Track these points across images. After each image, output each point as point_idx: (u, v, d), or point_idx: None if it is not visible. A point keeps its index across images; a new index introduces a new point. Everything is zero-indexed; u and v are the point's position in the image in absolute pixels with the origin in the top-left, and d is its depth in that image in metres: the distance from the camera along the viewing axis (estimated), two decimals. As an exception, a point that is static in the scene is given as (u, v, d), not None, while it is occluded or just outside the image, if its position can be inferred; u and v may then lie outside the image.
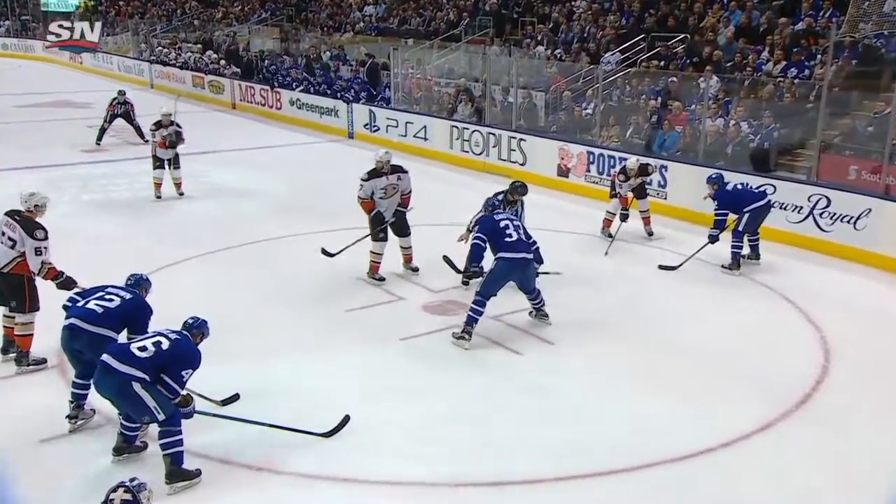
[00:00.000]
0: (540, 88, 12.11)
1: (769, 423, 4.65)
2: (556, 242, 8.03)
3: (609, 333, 5.90)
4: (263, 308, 6.24)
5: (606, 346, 5.70)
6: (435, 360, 5.44)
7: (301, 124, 15.37)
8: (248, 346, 5.47)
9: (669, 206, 9.10)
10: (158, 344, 4.00)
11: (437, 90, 13.63)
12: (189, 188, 10.37)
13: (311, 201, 9.76)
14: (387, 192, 6.52)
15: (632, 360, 5.47)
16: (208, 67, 19.04)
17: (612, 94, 11.18)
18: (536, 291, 5.90)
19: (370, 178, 6.52)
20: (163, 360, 3.98)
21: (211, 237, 8.02)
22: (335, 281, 6.84)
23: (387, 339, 5.71)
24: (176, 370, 3.99)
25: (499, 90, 12.42)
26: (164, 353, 3.99)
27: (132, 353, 3.97)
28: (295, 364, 5.31)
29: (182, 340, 4.09)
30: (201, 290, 6.42)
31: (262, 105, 16.72)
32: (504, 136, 11.35)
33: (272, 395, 4.86)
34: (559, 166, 10.60)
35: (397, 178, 6.54)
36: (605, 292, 6.74)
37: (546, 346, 5.68)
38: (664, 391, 5.04)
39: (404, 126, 13.05)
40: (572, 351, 5.59)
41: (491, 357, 5.49)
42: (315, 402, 4.79)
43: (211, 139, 13.88)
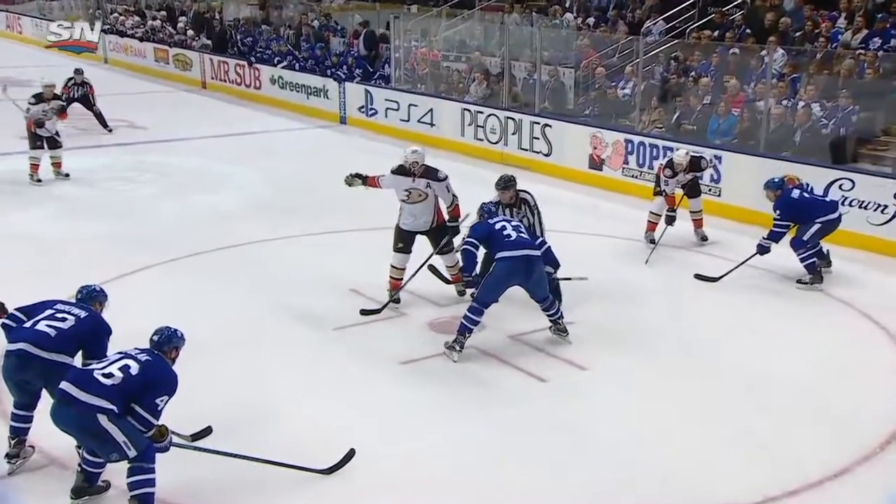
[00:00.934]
0: (568, 64, 12.15)
1: (845, 468, 4.62)
2: (587, 248, 8.07)
3: (650, 357, 5.91)
4: (240, 325, 6.29)
5: (646, 371, 5.70)
6: (443, 388, 5.47)
7: (284, 107, 15.49)
8: (223, 369, 5.51)
9: (724, 204, 9.11)
10: (126, 369, 4.01)
11: (446, 67, 13.70)
12: (151, 182, 10.47)
13: (296, 198, 9.83)
14: (410, 197, 6.51)
15: (677, 388, 5.47)
16: (173, 39, 19.21)
17: (656, 70, 11.20)
18: (550, 299, 5.94)
19: (396, 173, 6.50)
20: (133, 388, 3.99)
21: (177, 240, 8.08)
22: (326, 293, 6.89)
23: (386, 363, 5.75)
24: (149, 399, 4.00)
25: (519, 67, 12.48)
26: (134, 379, 4.00)
27: (96, 380, 3.98)
28: (279, 391, 5.35)
29: (153, 362, 4.10)
30: (166, 303, 6.47)
31: (237, 84, 16.86)
32: (525, 121, 11.39)
33: (251, 426, 4.89)
34: (591, 157, 10.63)
35: (426, 185, 6.46)
36: (646, 308, 6.75)
37: (573, 370, 5.70)
38: (717, 426, 5.04)
39: (406, 109, 13.12)
40: (605, 377, 5.61)
41: (508, 384, 5.52)
42: (303, 436, 4.81)
43: (176, 125, 14.05)
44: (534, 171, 11.15)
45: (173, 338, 4.25)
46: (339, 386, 5.46)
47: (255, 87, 16.44)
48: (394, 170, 6.54)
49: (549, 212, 6.75)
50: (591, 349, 5.96)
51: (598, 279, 6.96)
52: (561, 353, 5.92)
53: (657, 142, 9.91)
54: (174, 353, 4.24)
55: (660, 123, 10.40)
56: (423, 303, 6.75)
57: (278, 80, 15.80)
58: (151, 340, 4.23)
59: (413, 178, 6.44)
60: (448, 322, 6.35)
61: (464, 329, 5.75)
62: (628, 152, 10.18)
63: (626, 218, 8.93)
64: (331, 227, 8.62)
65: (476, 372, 5.68)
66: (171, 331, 4.27)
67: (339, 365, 5.75)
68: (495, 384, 5.52)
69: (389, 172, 6.56)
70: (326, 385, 5.47)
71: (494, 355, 5.87)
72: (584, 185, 10.49)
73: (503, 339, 6.13)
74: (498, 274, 5.73)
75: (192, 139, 13.04)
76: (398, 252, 6.64)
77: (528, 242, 5.81)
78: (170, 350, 4.22)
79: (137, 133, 13.42)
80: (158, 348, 4.20)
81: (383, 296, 6.70)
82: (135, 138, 13.03)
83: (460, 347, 5.75)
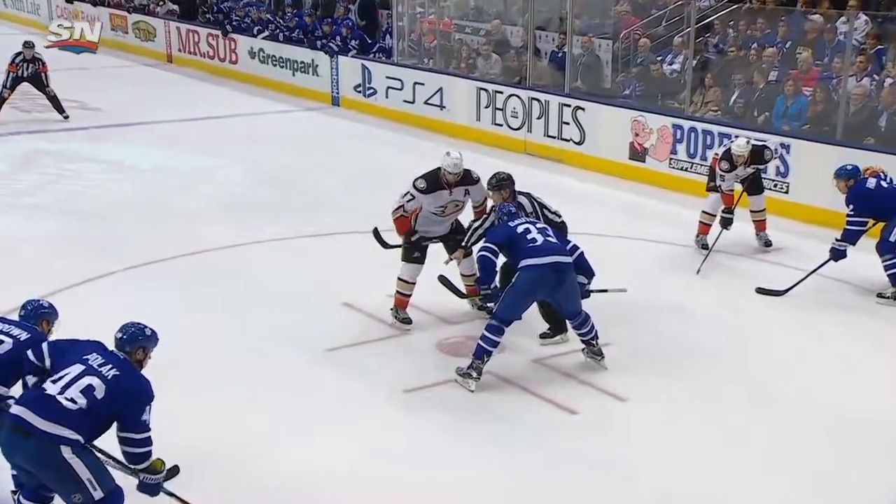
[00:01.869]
0: (605, 34, 12.15)
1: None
2: (627, 254, 8.07)
3: (702, 387, 5.89)
4: (212, 347, 6.30)
5: (698, 404, 5.69)
6: (455, 422, 5.46)
7: (265, 85, 15.56)
8: (191, 400, 5.51)
9: (792, 203, 9.10)
10: (90, 391, 4.01)
11: (459, 38, 13.73)
12: (106, 175, 10.52)
13: (280, 195, 9.87)
14: (445, 211, 6.48)
15: (736, 426, 5.45)
16: (133, 3, 19.31)
17: (710, 42, 11.19)
18: (583, 316, 5.93)
19: (428, 191, 6.33)
20: (101, 413, 4.01)
21: (137, 244, 8.12)
22: (314, 307, 6.91)
23: (387, 391, 5.75)
24: (130, 418, 4.04)
25: (547, 38, 12.49)
26: (103, 401, 4.02)
27: (59, 405, 3.98)
28: (258, 426, 5.35)
29: (120, 375, 4.10)
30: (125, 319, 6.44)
31: (209, 58, 16.96)
32: (553, 102, 11.40)
33: (225, 469, 4.89)
34: (632, 146, 10.63)
35: (464, 194, 6.44)
36: (697, 327, 6.74)
37: (610, 402, 5.69)
38: (783, 469, 5.02)
39: (411, 88, 13.16)
40: (649, 410, 5.59)
41: (532, 417, 5.51)
42: (287, 481, 4.81)
43: (136, 106, 14.11)
44: (564, 163, 11.18)
45: (139, 336, 4.26)
46: (330, 419, 5.46)
47: (230, 62, 16.52)
48: (422, 188, 6.35)
49: (582, 212, 6.76)
50: (631, 376, 5.94)
51: (640, 292, 6.93)
52: (596, 380, 5.91)
53: (711, 127, 9.89)
54: (140, 353, 4.24)
55: (715, 105, 10.39)
56: (430, 319, 6.75)
57: (258, 54, 15.87)
58: (115, 339, 4.25)
59: (450, 191, 6.40)
60: (460, 343, 6.35)
61: (481, 352, 5.75)
62: (677, 140, 10.16)
63: (673, 219, 8.93)
64: (320, 228, 8.65)
65: (494, 403, 5.67)
66: (137, 328, 4.28)
67: (332, 394, 5.75)
68: (517, 418, 5.51)
69: (416, 190, 6.36)
70: (315, 418, 5.47)
71: (516, 383, 5.87)
72: (624, 179, 10.49)
73: (526, 363, 6.13)
74: (521, 285, 5.72)
75: (156, 123, 13.10)
76: (410, 262, 6.56)
77: (558, 248, 5.80)
78: (134, 350, 4.23)
79: (90, 116, 13.49)
80: (123, 349, 4.21)
81: (384, 311, 6.71)
82: (87, 122, 13.10)
83: (478, 374, 5.75)
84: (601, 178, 10.51)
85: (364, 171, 10.86)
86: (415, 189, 6.38)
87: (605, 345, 6.07)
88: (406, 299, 6.62)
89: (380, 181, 10.13)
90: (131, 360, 4.20)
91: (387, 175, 10.44)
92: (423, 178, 6.41)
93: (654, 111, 10.58)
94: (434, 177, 6.38)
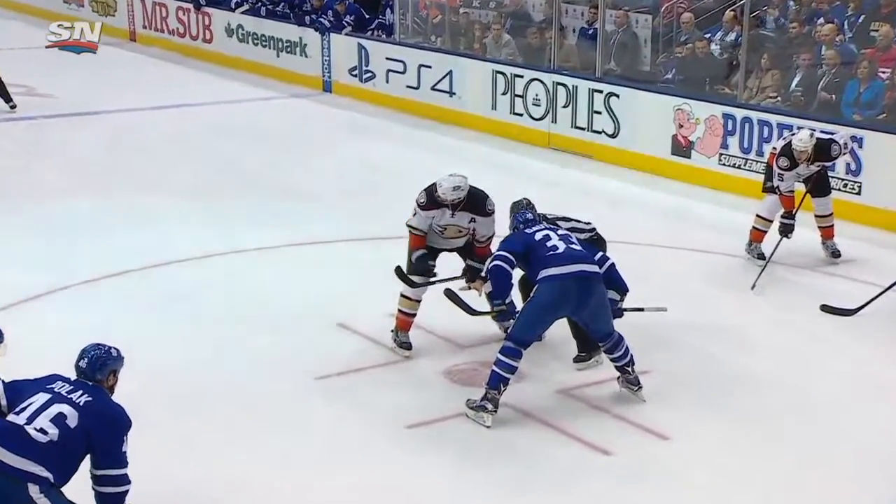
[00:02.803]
0: (643, 8, 12.19)
1: None
2: (669, 267, 8.12)
3: (757, 423, 5.90)
4: (185, 374, 6.34)
5: (751, 439, 5.70)
6: (467, 463, 5.48)
7: (245, 68, 15.65)
8: (159, 440, 5.51)
9: (865, 206, 9.14)
10: (61, 419, 4.08)
11: (470, 14, 13.79)
12: (56, 171, 10.56)
13: (262, 196, 9.95)
14: (444, 233, 6.57)
15: (795, 464, 5.47)
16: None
17: (767, 17, 11.23)
18: (615, 337, 5.95)
19: (427, 207, 6.42)
20: (77, 442, 4.07)
21: (91, 254, 8.20)
22: (303, 329, 6.95)
23: (388, 426, 5.78)
24: (108, 450, 4.10)
25: (574, 12, 12.54)
26: (77, 431, 4.08)
27: (29, 438, 4.04)
28: (238, 466, 5.38)
29: (94, 402, 4.17)
30: (74, 346, 6.41)
31: (179, 36, 17.06)
32: (582, 88, 11.46)
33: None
34: (675, 139, 10.68)
35: (469, 221, 6.48)
36: (752, 353, 6.76)
37: (650, 440, 5.70)
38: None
39: (415, 72, 13.23)
40: (695, 451, 5.60)
41: (559, 458, 5.52)
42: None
43: (94, 92, 14.15)
44: (594, 160, 11.21)
45: (107, 360, 4.33)
46: (321, 460, 5.49)
47: (204, 40, 16.60)
48: (422, 203, 6.44)
49: (616, 217, 6.80)
50: (673, 410, 5.96)
51: (684, 311, 6.96)
52: (632, 415, 5.92)
53: (769, 117, 9.93)
54: (112, 379, 4.32)
55: (773, 91, 10.42)
56: (437, 343, 6.80)
57: (237, 31, 15.96)
58: (78, 367, 4.31)
59: (452, 213, 6.47)
60: (473, 371, 6.39)
61: (496, 380, 5.76)
62: (728, 132, 10.21)
63: (723, 225, 8.97)
64: (310, 235, 8.70)
65: (513, 440, 5.69)
66: (102, 350, 4.35)
67: (322, 430, 5.78)
68: (541, 458, 5.52)
69: (418, 209, 6.45)
70: (303, 459, 5.50)
71: (538, 417, 5.89)
72: (665, 178, 10.54)
73: (550, 394, 6.16)
74: (541, 299, 5.76)
75: (116, 113, 13.19)
76: (416, 275, 6.61)
77: (583, 255, 5.84)
78: (105, 377, 4.30)
79: (39, 103, 13.60)
80: (91, 377, 4.28)
81: (383, 333, 6.76)
82: (35, 110, 13.22)
83: (493, 406, 5.75)
84: (639, 178, 10.55)
85: (361, 169, 10.94)
86: (416, 203, 6.47)
87: (642, 373, 6.10)
88: (409, 320, 6.66)
89: (379, 182, 10.23)
90: (103, 387, 4.28)
91: (387, 174, 10.55)
92: (424, 191, 6.45)
93: (700, 98, 10.63)
94: (434, 198, 6.39)
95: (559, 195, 9.12)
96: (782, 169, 7.95)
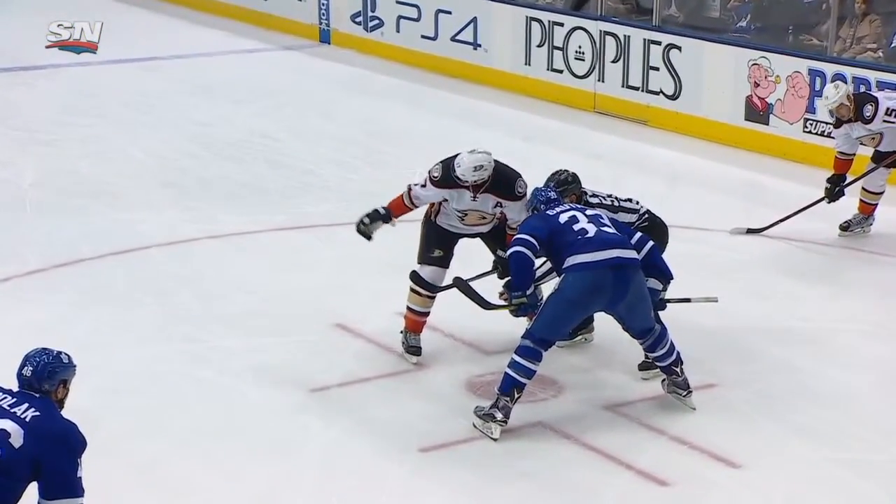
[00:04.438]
0: (711, -59, 12.16)
1: None
2: (738, 255, 8.14)
3: (845, 445, 5.88)
4: (153, 384, 6.35)
5: (841, 467, 5.67)
6: (492, 493, 5.47)
7: (225, 14, 15.69)
8: (126, 456, 5.57)
9: None
10: (3, 438, 4.06)
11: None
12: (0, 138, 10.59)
13: (244, 170, 9.99)
14: (465, 219, 6.59)
15: None
16: None
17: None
18: (657, 332, 5.97)
19: (441, 185, 6.39)
20: (21, 466, 4.07)
21: (41, 239, 8.24)
22: (295, 330, 6.98)
23: (397, 449, 5.78)
24: (60, 475, 4.10)
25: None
26: (23, 452, 4.07)
27: None
28: (218, 494, 5.39)
29: (43, 414, 4.17)
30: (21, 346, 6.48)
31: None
32: (636, 39, 11.45)
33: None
34: (748, 101, 10.65)
35: (494, 205, 6.49)
36: (842, 362, 6.74)
37: (715, 466, 5.67)
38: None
39: (431, 19, 13.26)
40: (770, 477, 5.59)
41: (605, 488, 5.51)
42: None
43: (39, 43, 14.16)
44: (650, 126, 11.19)
45: (56, 368, 4.31)
46: (316, 487, 5.50)
47: (175, -20, 16.65)
48: (436, 179, 6.41)
49: (676, 196, 6.80)
50: (744, 433, 5.94)
51: (759, 312, 7.02)
52: (695, 437, 5.89)
53: (866, 73, 9.88)
54: (62, 390, 4.33)
55: (871, 42, 10.38)
56: (456, 348, 6.82)
57: (215, -31, 16.01)
58: (22, 377, 4.32)
59: (474, 195, 6.49)
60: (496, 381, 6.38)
61: (509, 385, 5.78)
62: (815, 93, 10.16)
63: (807, 201, 8.91)
64: (302, 217, 8.75)
65: (549, 468, 5.67)
66: (49, 357, 4.32)
67: (317, 452, 5.78)
68: (584, 490, 5.51)
69: (430, 181, 6.45)
70: (296, 485, 5.50)
71: (580, 439, 5.87)
72: (737, 148, 10.53)
73: (595, 410, 6.16)
74: (568, 293, 5.78)
75: (66, 67, 13.16)
76: (429, 265, 6.60)
77: (619, 240, 5.86)
78: (54, 388, 4.32)
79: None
80: (37, 388, 4.29)
81: (390, 335, 6.76)
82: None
83: (504, 416, 5.77)
84: (704, 148, 10.53)
85: (365, 136, 10.96)
86: (428, 174, 6.45)
87: (706, 386, 6.13)
88: (421, 320, 6.66)
89: (386, 153, 10.23)
90: (52, 400, 4.29)
91: (396, 143, 10.54)
92: (441, 163, 6.43)
93: (781, 51, 10.60)
94: (448, 171, 6.38)
95: (605, 169, 9.13)
96: (834, 126, 8.34)
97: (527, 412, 5.99)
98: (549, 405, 5.98)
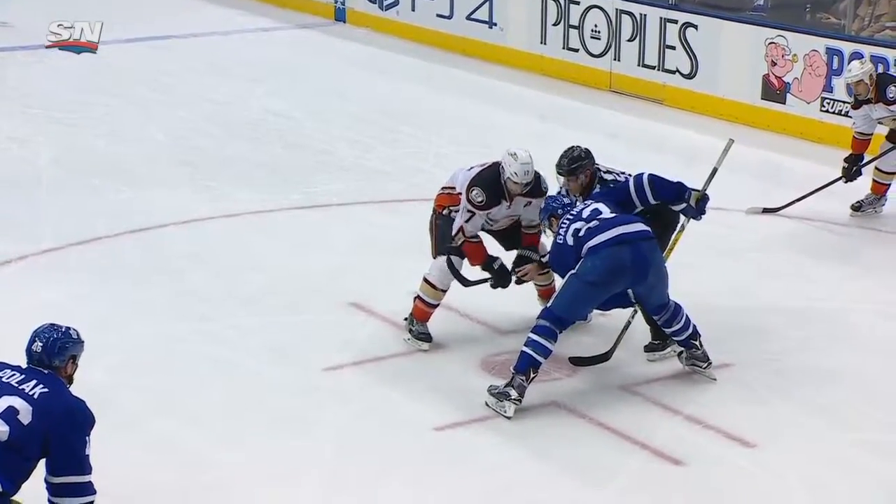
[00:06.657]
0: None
1: None
2: (754, 235, 8.15)
3: (860, 426, 5.89)
4: (166, 362, 6.38)
5: (859, 448, 5.67)
6: (508, 476, 5.47)
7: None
8: (139, 434, 5.60)
9: None
10: (12, 414, 4.09)
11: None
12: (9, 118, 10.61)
13: (259, 149, 10.00)
14: (495, 226, 6.63)
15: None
16: None
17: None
18: (671, 308, 6.04)
19: (486, 206, 6.35)
20: (31, 442, 4.10)
21: (53, 218, 8.27)
22: (308, 309, 7.00)
23: (411, 428, 5.81)
24: (68, 452, 4.12)
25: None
26: (31, 428, 4.10)
27: None
28: (229, 472, 5.41)
29: (52, 391, 4.19)
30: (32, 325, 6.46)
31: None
32: (652, 16, 11.43)
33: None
34: (766, 81, 10.62)
35: (525, 205, 6.51)
36: (857, 343, 6.75)
37: (731, 446, 5.69)
38: None
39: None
40: (787, 458, 5.58)
41: (620, 468, 5.51)
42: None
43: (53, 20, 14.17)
44: (666, 105, 11.16)
45: (66, 343, 4.34)
46: (328, 467, 5.52)
47: (188, -42, 16.62)
48: (480, 202, 6.32)
49: (693, 176, 6.73)
50: (760, 413, 5.95)
51: (775, 291, 7.03)
52: (710, 416, 5.90)
53: (885, 52, 9.84)
54: (71, 366, 4.35)
55: (890, 20, 10.33)
56: (471, 328, 6.84)
57: (228, -54, 15.97)
58: (32, 353, 4.33)
59: (509, 203, 6.47)
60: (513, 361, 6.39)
61: (525, 364, 5.81)
62: (832, 72, 10.13)
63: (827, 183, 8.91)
64: (317, 196, 8.77)
65: (565, 448, 5.69)
66: (59, 332, 4.36)
67: (330, 431, 5.80)
68: (598, 469, 5.52)
69: (475, 207, 6.35)
70: (308, 464, 5.52)
71: (595, 419, 5.89)
72: (753, 128, 10.50)
73: (610, 389, 6.18)
74: (588, 275, 5.82)
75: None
76: (452, 255, 6.56)
77: (630, 218, 5.99)
78: (63, 364, 4.33)
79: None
80: (47, 364, 4.31)
81: (404, 314, 6.74)
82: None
83: (519, 394, 5.80)
84: (721, 128, 10.47)
85: (380, 115, 10.96)
86: (469, 203, 6.37)
87: (722, 366, 6.14)
88: (429, 311, 6.64)
89: (401, 132, 10.22)
90: (61, 376, 4.31)
91: (411, 123, 10.53)
92: (479, 185, 6.33)
93: (799, 30, 10.57)
94: (493, 182, 6.35)
95: (622, 149, 9.10)
96: (852, 107, 8.35)
97: (541, 391, 6.02)
98: (564, 384, 5.99)
